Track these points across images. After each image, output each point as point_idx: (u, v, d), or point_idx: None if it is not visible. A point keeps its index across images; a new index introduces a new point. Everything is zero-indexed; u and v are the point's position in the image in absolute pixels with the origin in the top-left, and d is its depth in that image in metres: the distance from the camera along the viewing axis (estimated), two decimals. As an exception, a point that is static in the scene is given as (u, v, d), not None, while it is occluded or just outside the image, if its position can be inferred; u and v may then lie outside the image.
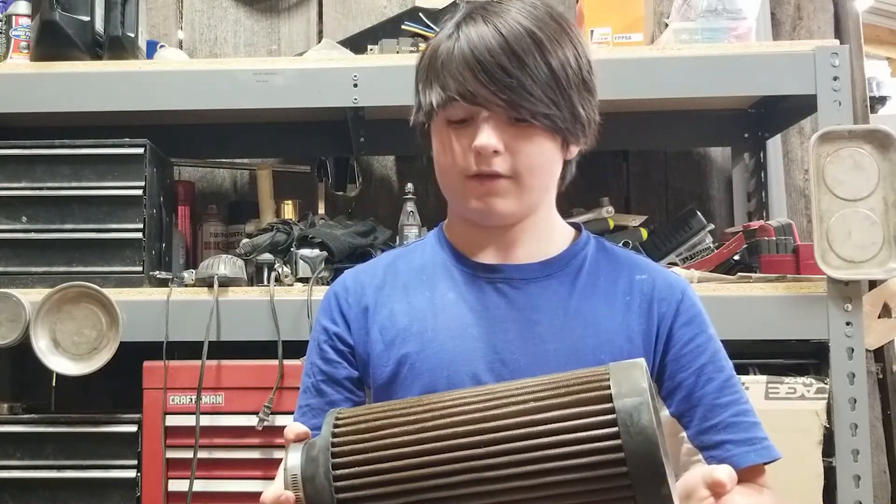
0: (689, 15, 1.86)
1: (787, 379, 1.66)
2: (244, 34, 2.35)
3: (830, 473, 1.63)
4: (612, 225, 1.97)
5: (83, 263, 1.76)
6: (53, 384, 1.91)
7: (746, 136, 2.13)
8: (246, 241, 1.83)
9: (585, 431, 0.76)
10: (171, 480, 1.65)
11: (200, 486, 1.63)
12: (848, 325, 1.65)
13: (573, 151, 1.08)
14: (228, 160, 2.27)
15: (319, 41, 2.22)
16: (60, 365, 1.66)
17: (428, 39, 1.11)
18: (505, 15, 1.00)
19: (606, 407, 0.76)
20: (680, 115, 2.08)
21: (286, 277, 1.75)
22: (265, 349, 1.68)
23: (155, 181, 1.82)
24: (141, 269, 1.75)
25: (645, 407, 0.74)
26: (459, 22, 1.03)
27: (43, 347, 1.66)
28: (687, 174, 2.28)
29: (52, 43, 1.84)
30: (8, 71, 1.85)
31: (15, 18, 1.93)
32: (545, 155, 1.03)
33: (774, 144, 2.17)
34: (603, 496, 0.76)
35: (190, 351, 1.67)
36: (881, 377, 2.09)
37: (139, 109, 1.83)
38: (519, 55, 0.98)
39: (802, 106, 1.90)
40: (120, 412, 1.72)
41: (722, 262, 1.85)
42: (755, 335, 1.67)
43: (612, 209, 1.97)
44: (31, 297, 1.68)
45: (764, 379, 1.65)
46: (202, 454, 1.63)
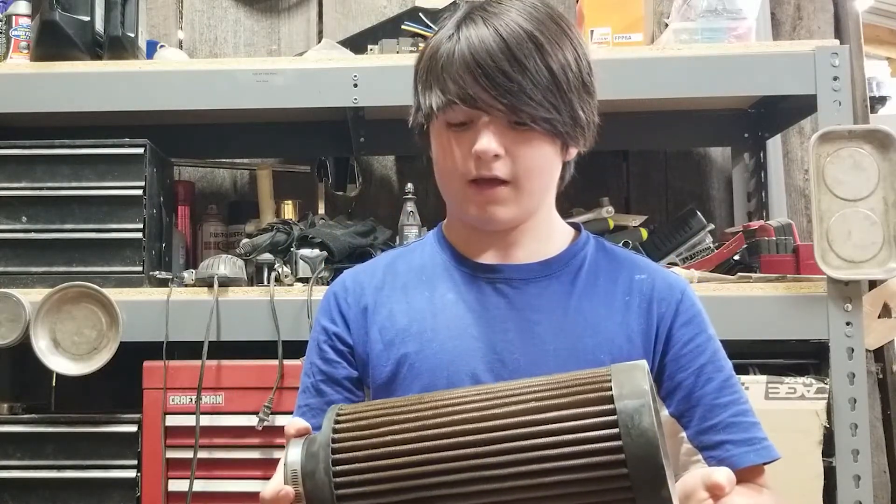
0: (689, 15, 1.86)
1: (787, 379, 1.66)
2: (244, 34, 2.35)
3: (830, 473, 1.63)
4: (612, 225, 1.97)
5: (83, 263, 1.76)
6: (53, 384, 1.91)
7: (746, 136, 2.13)
8: (246, 241, 1.83)
9: (586, 432, 0.76)
10: (171, 480, 1.65)
11: (200, 486, 1.63)
12: (848, 325, 1.65)
13: (572, 153, 1.08)
14: (228, 160, 2.27)
15: (319, 41, 2.22)
16: (60, 365, 1.67)
17: (428, 39, 1.11)
18: (505, 16, 1.00)
19: (607, 408, 0.76)
20: (680, 115, 2.08)
21: (286, 277, 1.75)
22: (265, 349, 1.68)
23: (155, 181, 1.82)
24: (141, 269, 1.76)
25: (646, 409, 0.74)
26: (459, 22, 1.02)
27: (43, 347, 1.66)
28: (687, 174, 2.28)
29: (52, 43, 1.84)
30: (8, 71, 1.85)
31: (15, 18, 1.93)
32: (545, 159, 1.03)
33: (774, 144, 2.17)
34: (603, 497, 0.76)
35: (190, 351, 1.67)
36: (881, 377, 2.09)
37: (139, 109, 1.83)
38: (519, 59, 0.97)
39: (802, 106, 1.90)
40: (120, 412, 1.72)
41: (722, 262, 1.85)
42: (755, 335, 1.67)
43: (612, 209, 1.97)
44: (31, 297, 1.68)
45: (764, 379, 1.65)
46: (202, 454, 1.63)
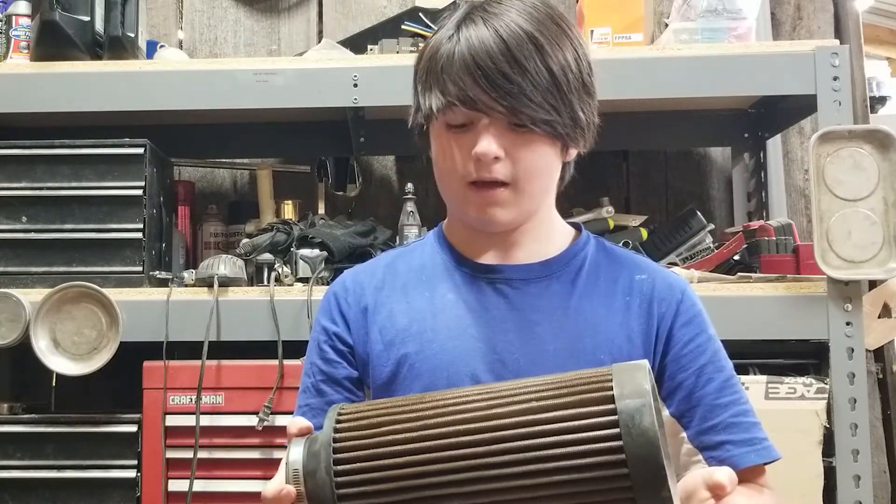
0: (689, 15, 1.86)
1: (787, 379, 1.66)
2: (244, 34, 2.35)
3: (830, 473, 1.63)
4: (612, 225, 1.97)
5: (83, 263, 1.76)
6: (53, 384, 1.91)
7: (746, 136, 2.13)
8: (246, 241, 1.83)
9: (587, 432, 0.76)
10: (171, 480, 1.66)
11: (200, 486, 1.63)
12: (848, 325, 1.65)
13: (572, 154, 1.08)
14: (228, 160, 2.27)
15: (319, 41, 2.22)
16: (60, 365, 1.67)
17: (427, 39, 1.10)
18: (505, 16, 0.99)
19: (608, 408, 0.76)
20: (680, 115, 2.08)
21: (286, 277, 1.75)
22: (265, 349, 1.68)
23: (155, 181, 1.82)
24: (141, 269, 1.76)
25: (647, 409, 0.74)
26: (459, 23, 1.02)
27: (43, 347, 1.66)
28: (687, 174, 2.28)
29: (52, 43, 1.84)
30: (8, 71, 1.85)
31: (15, 18, 1.93)
32: (545, 160, 1.02)
33: (774, 144, 2.17)
34: (603, 497, 0.76)
35: (190, 351, 1.67)
36: (881, 377, 2.09)
37: (139, 109, 1.83)
38: (520, 61, 0.97)
39: (802, 106, 1.90)
40: (120, 412, 1.72)
41: (722, 262, 1.85)
42: (755, 335, 1.67)
43: (612, 209, 1.97)
44: (31, 297, 1.68)
45: (764, 379, 1.65)
46: (202, 454, 1.63)
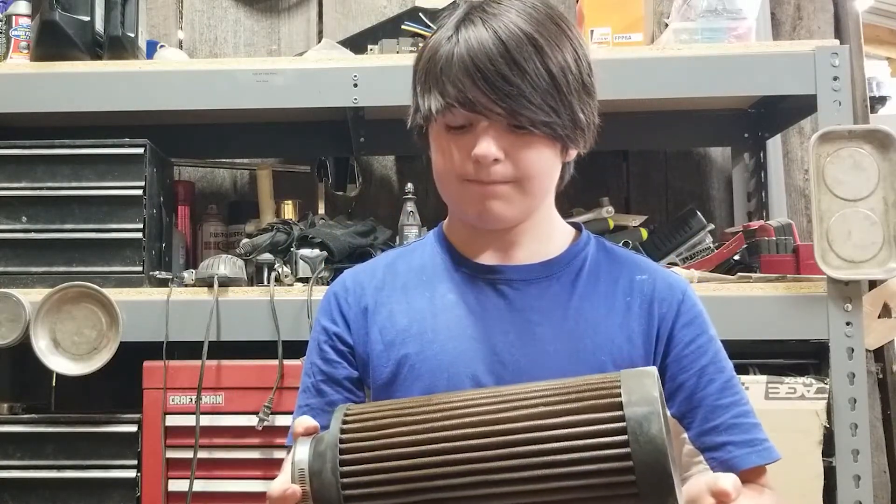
0: (689, 15, 1.86)
1: (787, 379, 1.66)
2: (244, 34, 2.35)
3: (830, 473, 1.63)
4: (612, 225, 1.97)
5: (83, 263, 1.76)
6: (53, 384, 1.91)
7: (746, 136, 2.13)
8: (246, 241, 1.83)
9: (594, 438, 0.76)
10: (171, 480, 1.65)
11: (200, 486, 1.63)
12: (848, 325, 1.65)
13: (572, 155, 1.08)
14: (228, 160, 2.27)
15: (319, 41, 2.22)
16: (60, 365, 1.66)
17: (427, 39, 1.10)
18: (504, 17, 0.99)
19: (616, 415, 0.76)
20: (680, 115, 2.08)
21: (286, 277, 1.75)
22: (265, 349, 1.68)
23: (155, 181, 1.82)
24: (141, 269, 1.75)
25: (655, 416, 0.74)
26: (458, 24, 1.01)
27: (43, 347, 1.66)
28: (687, 174, 2.28)
29: (52, 43, 1.84)
30: (8, 71, 1.85)
31: (15, 18, 1.93)
32: (545, 161, 1.02)
33: (774, 144, 2.17)
34: (610, 503, 0.76)
35: (190, 351, 1.67)
36: (881, 377, 2.09)
37: (139, 109, 1.83)
38: (519, 62, 0.97)
39: (802, 106, 1.90)
40: (120, 412, 1.72)
41: (722, 262, 1.85)
42: (755, 335, 1.67)
43: (612, 209, 1.97)
44: (31, 297, 1.68)
45: (764, 379, 1.65)
46: (202, 454, 1.63)
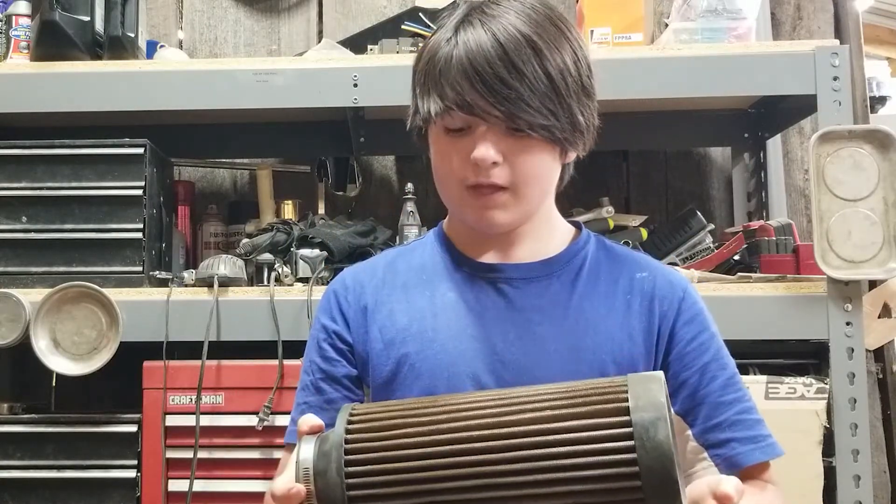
0: (689, 15, 1.86)
1: (787, 379, 1.66)
2: (244, 34, 2.35)
3: (830, 473, 1.63)
4: (612, 225, 1.97)
5: (83, 263, 1.76)
6: (53, 384, 1.90)
7: (746, 136, 2.13)
8: (246, 241, 1.83)
9: (600, 443, 0.75)
10: (171, 480, 1.65)
11: (200, 486, 1.63)
12: (848, 325, 1.65)
13: (571, 157, 1.08)
14: (228, 160, 2.27)
15: (319, 41, 2.22)
16: (60, 365, 1.66)
17: (426, 39, 1.10)
18: (503, 19, 0.98)
19: (623, 420, 0.75)
20: (680, 115, 2.08)
21: (286, 277, 1.75)
22: (265, 349, 1.68)
23: (155, 181, 1.82)
24: (141, 269, 1.75)
25: (662, 422, 0.74)
26: (457, 25, 1.01)
27: (43, 347, 1.66)
28: (687, 174, 2.28)
29: (52, 43, 1.84)
30: (8, 71, 1.85)
31: (15, 18, 1.93)
32: (544, 165, 1.02)
33: (774, 144, 2.17)
34: None
35: (190, 351, 1.67)
36: (881, 377, 2.09)
37: (139, 109, 1.83)
38: (517, 65, 0.96)
39: (802, 106, 1.90)
40: (120, 412, 1.71)
41: (722, 262, 1.85)
42: (755, 335, 1.67)
43: (612, 209, 1.97)
44: (31, 297, 1.68)
45: (764, 379, 1.65)
46: (202, 454, 1.63)
